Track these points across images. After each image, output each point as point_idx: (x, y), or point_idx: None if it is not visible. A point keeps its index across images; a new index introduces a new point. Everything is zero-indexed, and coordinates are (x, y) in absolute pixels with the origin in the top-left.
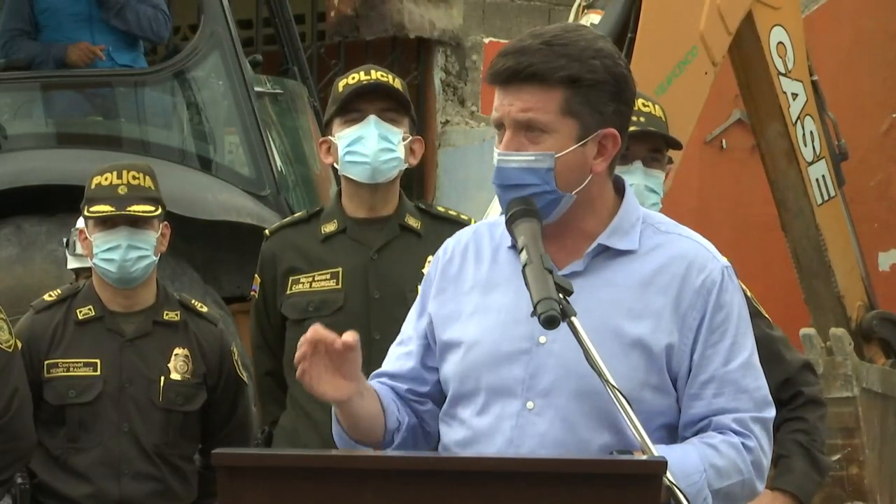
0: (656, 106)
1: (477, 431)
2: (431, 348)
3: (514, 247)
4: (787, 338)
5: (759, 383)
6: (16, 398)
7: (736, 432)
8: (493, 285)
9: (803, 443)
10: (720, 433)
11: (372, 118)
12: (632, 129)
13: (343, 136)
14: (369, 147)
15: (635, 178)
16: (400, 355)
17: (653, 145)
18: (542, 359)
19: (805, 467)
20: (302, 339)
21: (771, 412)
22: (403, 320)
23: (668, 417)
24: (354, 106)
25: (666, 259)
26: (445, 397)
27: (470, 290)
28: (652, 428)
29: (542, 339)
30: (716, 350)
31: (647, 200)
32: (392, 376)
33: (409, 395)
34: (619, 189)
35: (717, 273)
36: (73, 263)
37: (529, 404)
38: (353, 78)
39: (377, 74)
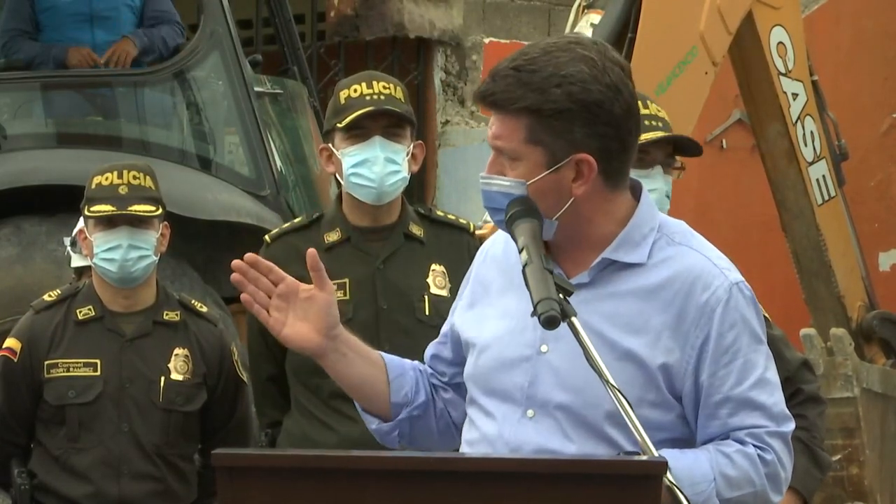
0: (660, 111)
1: (483, 434)
2: (455, 339)
3: None
4: (786, 335)
5: (775, 398)
6: None
7: (754, 445)
8: (511, 289)
9: (804, 440)
10: (739, 442)
11: (377, 140)
12: (658, 134)
13: (347, 154)
14: (376, 171)
15: (657, 183)
16: (435, 343)
17: (668, 150)
18: (540, 368)
19: (806, 464)
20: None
21: (790, 426)
22: (411, 329)
23: (670, 432)
24: (359, 122)
25: (672, 273)
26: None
27: (492, 293)
28: (653, 443)
29: (544, 349)
30: (728, 371)
31: (665, 207)
32: (430, 357)
33: (435, 379)
34: (638, 195)
35: (723, 291)
36: (77, 262)
37: (529, 412)
38: (356, 90)
39: (380, 87)
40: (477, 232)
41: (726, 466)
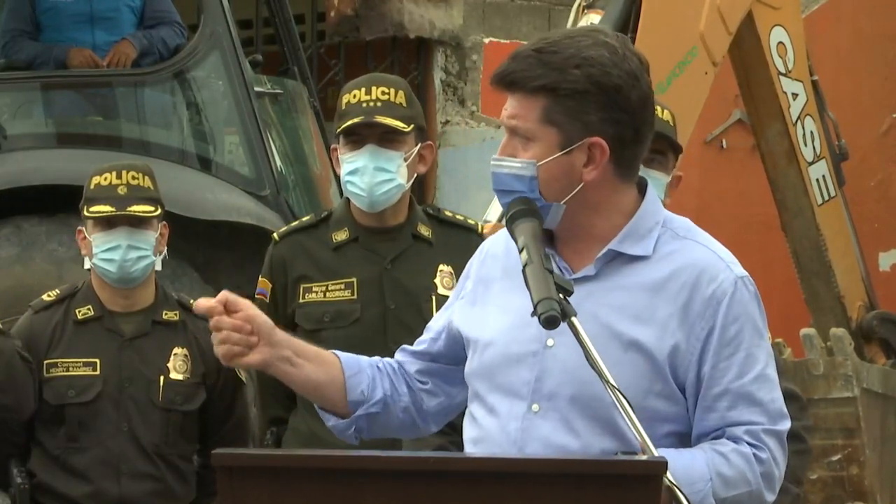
0: (665, 111)
1: (486, 431)
2: (452, 335)
3: None
4: (781, 365)
5: (773, 395)
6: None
7: (749, 443)
8: (513, 287)
9: None
10: (733, 441)
11: (368, 149)
12: None
13: (344, 161)
14: (365, 181)
15: None
16: (420, 340)
17: (654, 146)
18: (547, 362)
19: None
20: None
21: (785, 424)
22: (419, 330)
23: (676, 425)
24: (354, 130)
25: (678, 266)
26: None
27: (494, 291)
28: (659, 435)
29: (550, 343)
30: (729, 363)
31: None
32: (410, 353)
33: (409, 373)
34: (643, 191)
35: (728, 284)
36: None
37: (535, 407)
38: (355, 96)
39: (378, 92)
40: None
41: (722, 466)
